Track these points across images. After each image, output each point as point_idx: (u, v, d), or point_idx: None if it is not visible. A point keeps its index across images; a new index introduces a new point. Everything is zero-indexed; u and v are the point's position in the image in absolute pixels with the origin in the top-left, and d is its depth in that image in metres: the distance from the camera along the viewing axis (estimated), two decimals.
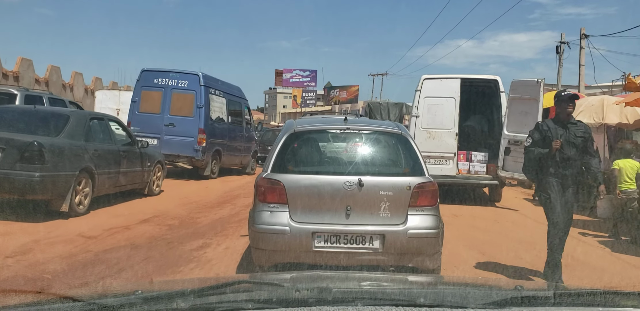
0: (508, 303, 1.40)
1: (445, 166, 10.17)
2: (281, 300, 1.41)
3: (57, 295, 1.45)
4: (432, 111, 10.26)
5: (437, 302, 1.41)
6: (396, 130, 4.75)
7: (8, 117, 7.38)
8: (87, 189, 7.17)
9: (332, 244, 4.20)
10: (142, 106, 12.04)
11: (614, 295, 1.52)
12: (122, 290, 1.66)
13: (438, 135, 10.26)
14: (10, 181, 6.24)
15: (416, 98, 10.40)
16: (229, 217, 7.96)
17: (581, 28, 18.86)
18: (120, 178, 8.18)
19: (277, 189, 4.29)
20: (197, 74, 12.15)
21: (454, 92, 10.26)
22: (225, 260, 5.38)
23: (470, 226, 8.04)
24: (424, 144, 9.33)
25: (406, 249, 4.25)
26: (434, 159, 9.95)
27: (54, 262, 4.87)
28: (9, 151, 6.27)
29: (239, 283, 1.61)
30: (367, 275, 2.25)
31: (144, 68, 12.34)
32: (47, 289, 4.03)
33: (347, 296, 1.46)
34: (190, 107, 11.86)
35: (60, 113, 7.77)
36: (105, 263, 4.98)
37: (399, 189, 4.30)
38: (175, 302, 1.36)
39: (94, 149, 7.38)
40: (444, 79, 10.50)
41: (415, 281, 2.11)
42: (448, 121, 10.25)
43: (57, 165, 6.52)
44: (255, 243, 4.37)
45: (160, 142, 11.73)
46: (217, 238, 6.36)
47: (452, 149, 10.31)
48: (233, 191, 11.03)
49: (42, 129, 6.99)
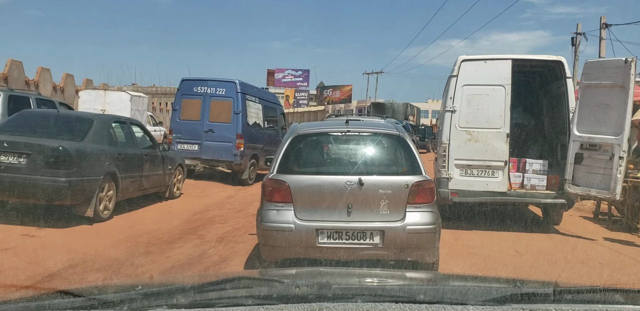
0: (508, 300, 1.40)
1: (492, 179, 7.52)
2: (281, 296, 1.41)
3: (58, 291, 1.46)
4: (473, 104, 7.57)
5: (436, 299, 1.41)
6: (394, 132, 4.98)
7: (31, 121, 7.33)
8: (111, 194, 7.14)
9: (335, 240, 4.45)
10: (183, 113, 12.46)
11: (613, 292, 1.52)
12: (123, 286, 1.67)
13: (482, 137, 7.52)
14: (36, 186, 6.18)
15: (451, 87, 7.64)
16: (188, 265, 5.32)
17: (601, 17, 17.84)
18: (143, 182, 8.15)
19: (282, 189, 4.54)
20: (234, 82, 12.52)
21: (503, 78, 7.56)
22: None
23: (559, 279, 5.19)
24: (463, 150, 7.45)
25: (405, 244, 4.49)
26: (476, 169, 7.54)
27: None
28: (34, 156, 6.23)
29: (239, 279, 1.61)
30: (367, 272, 2.25)
31: (184, 77, 12.76)
32: (48, 284, 4.05)
33: (347, 292, 1.46)
34: (228, 113, 12.21)
35: (83, 117, 7.71)
36: None
37: (397, 187, 4.54)
38: (176, 298, 1.37)
39: (117, 153, 7.35)
40: (490, 60, 7.67)
41: (415, 278, 2.11)
42: (496, 118, 7.54)
43: (82, 170, 6.49)
44: (263, 239, 4.63)
45: (200, 148, 12.14)
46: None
47: (501, 156, 7.53)
48: (206, 211, 8.55)
49: (66, 134, 6.94)
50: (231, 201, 9.73)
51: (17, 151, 6.26)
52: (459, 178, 7.46)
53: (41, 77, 18.49)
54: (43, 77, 18.88)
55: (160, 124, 22.35)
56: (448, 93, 7.69)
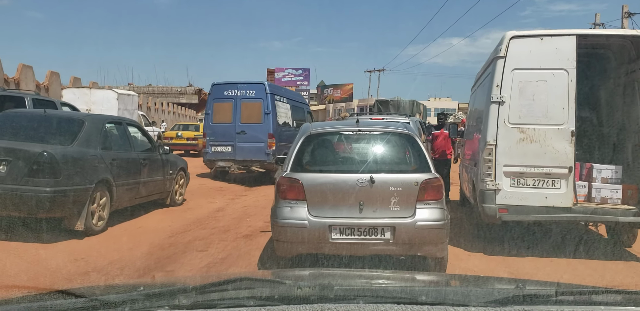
0: (510, 301, 1.40)
1: (553, 191, 5.89)
2: (283, 297, 1.41)
3: (60, 291, 1.46)
4: (527, 94, 5.94)
5: (438, 300, 1.41)
6: (404, 131, 5.11)
7: (15, 123, 6.59)
8: (105, 203, 6.47)
9: (347, 236, 4.59)
10: (215, 117, 12.77)
11: (615, 294, 1.52)
12: (125, 287, 1.67)
13: (539, 136, 5.90)
14: (18, 197, 5.52)
15: (497, 71, 5.99)
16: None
17: (623, 6, 16.83)
18: (141, 189, 7.46)
19: (296, 186, 4.69)
20: (262, 83, 12.85)
21: (565, 59, 5.87)
22: None
23: None
24: (514, 152, 5.91)
25: (415, 239, 4.62)
26: (531, 178, 5.93)
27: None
28: (15, 163, 5.57)
29: (240, 280, 1.61)
30: (369, 273, 2.25)
31: (214, 82, 13.05)
32: (50, 285, 4.04)
33: (349, 293, 1.46)
34: (259, 114, 12.47)
35: (73, 118, 6.96)
36: None
37: (407, 184, 4.67)
38: (177, 299, 1.37)
39: (111, 158, 6.68)
40: (548, 37, 5.96)
41: (417, 279, 2.11)
42: (557, 111, 5.89)
43: (70, 178, 5.82)
44: (277, 235, 4.78)
45: (234, 149, 12.47)
46: None
47: (565, 161, 5.85)
48: (186, 231, 6.89)
49: (53, 137, 6.30)
50: (219, 216, 8.16)
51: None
52: (509, 190, 5.93)
53: (22, 75, 17.33)
54: (25, 75, 17.62)
55: (154, 124, 22.05)
56: (494, 79, 6.03)
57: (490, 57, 6.58)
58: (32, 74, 18.18)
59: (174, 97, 41.49)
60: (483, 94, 6.73)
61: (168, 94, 41.97)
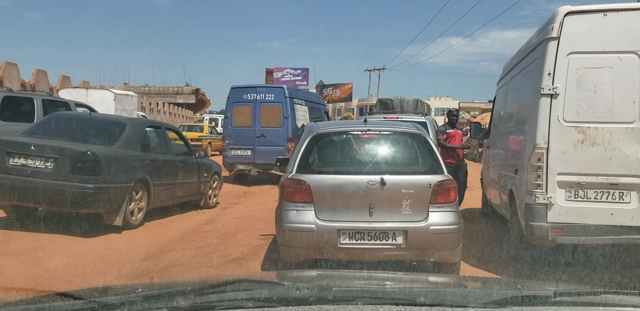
0: (508, 303, 1.40)
1: (620, 206, 4.77)
2: (281, 298, 1.41)
3: (58, 293, 1.46)
4: (587, 85, 4.82)
5: (437, 301, 1.41)
6: (415, 130, 4.96)
7: (61, 124, 7.10)
8: (142, 202, 6.90)
9: (357, 241, 4.41)
10: (235, 120, 12.85)
11: (614, 295, 1.52)
12: (123, 288, 1.66)
13: (603, 136, 4.79)
14: (62, 193, 5.93)
15: (548, 57, 4.88)
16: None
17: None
18: (177, 190, 7.83)
19: (302, 189, 4.51)
20: (282, 87, 13.04)
21: (637, 40, 4.72)
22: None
23: None
24: (571, 158, 4.82)
25: (428, 244, 4.45)
26: (593, 189, 4.83)
27: None
28: (61, 160, 6.00)
29: (239, 281, 1.61)
30: (367, 274, 2.25)
31: (233, 85, 13.07)
32: (48, 287, 4.03)
33: (348, 295, 1.46)
34: (278, 118, 12.56)
35: (116, 121, 7.53)
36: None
37: (419, 187, 4.50)
38: (176, 300, 1.37)
39: (150, 160, 7.10)
40: (614, 12, 4.80)
41: (416, 280, 2.11)
42: (625, 106, 4.76)
43: (111, 176, 6.24)
44: (283, 240, 4.59)
45: (253, 153, 12.56)
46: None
47: (636, 169, 4.75)
48: (163, 252, 5.68)
49: (96, 138, 6.73)
50: (206, 231, 7.01)
51: (44, 155, 6.04)
52: (564, 205, 4.83)
53: (6, 73, 16.76)
54: (8, 72, 17.01)
55: None
56: (544, 66, 4.86)
57: (536, 39, 5.35)
58: (17, 72, 17.58)
59: (171, 97, 41.05)
60: (526, 86, 5.55)
61: (165, 94, 41.54)
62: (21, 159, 6.08)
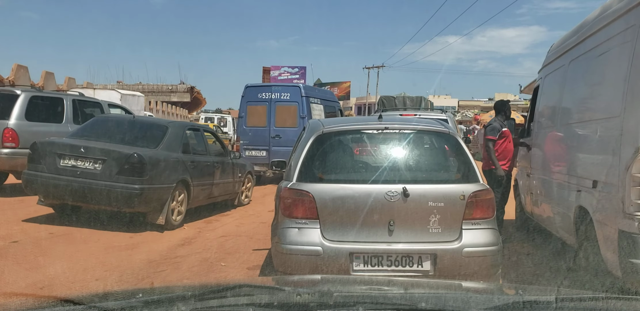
0: (510, 308, 1.40)
1: None
2: (282, 303, 1.40)
3: (58, 298, 1.45)
4: None
5: (438, 306, 1.40)
6: (442, 129, 4.12)
7: (107, 127, 7.43)
8: (183, 203, 7.18)
9: (374, 267, 3.61)
10: (249, 120, 12.57)
11: (615, 300, 1.51)
12: (123, 294, 1.66)
13: None
14: (110, 193, 6.27)
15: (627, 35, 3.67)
16: None
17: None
18: (214, 190, 8.14)
19: (305, 201, 3.68)
20: (298, 86, 12.97)
21: None
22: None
23: None
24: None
25: (462, 270, 3.63)
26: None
27: None
28: (109, 162, 6.33)
29: (239, 286, 1.61)
30: (368, 279, 2.24)
31: (248, 84, 12.76)
32: (48, 292, 4.03)
33: (349, 300, 1.46)
34: (294, 118, 12.24)
35: (158, 124, 7.88)
36: None
37: (451, 199, 3.69)
38: (176, 306, 1.36)
39: (190, 161, 7.38)
40: None
41: (417, 285, 2.10)
42: None
43: (156, 177, 6.53)
44: (281, 266, 3.76)
45: (268, 154, 12.16)
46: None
47: None
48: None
49: (141, 141, 7.02)
50: (180, 257, 5.53)
51: (93, 156, 6.38)
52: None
53: (17, 75, 17.29)
54: (19, 75, 17.52)
55: None
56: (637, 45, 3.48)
57: (618, 7, 3.92)
58: (27, 73, 18.15)
59: (165, 96, 40.53)
60: (608, 68, 4.14)
61: (158, 92, 40.88)
62: (71, 161, 6.42)
